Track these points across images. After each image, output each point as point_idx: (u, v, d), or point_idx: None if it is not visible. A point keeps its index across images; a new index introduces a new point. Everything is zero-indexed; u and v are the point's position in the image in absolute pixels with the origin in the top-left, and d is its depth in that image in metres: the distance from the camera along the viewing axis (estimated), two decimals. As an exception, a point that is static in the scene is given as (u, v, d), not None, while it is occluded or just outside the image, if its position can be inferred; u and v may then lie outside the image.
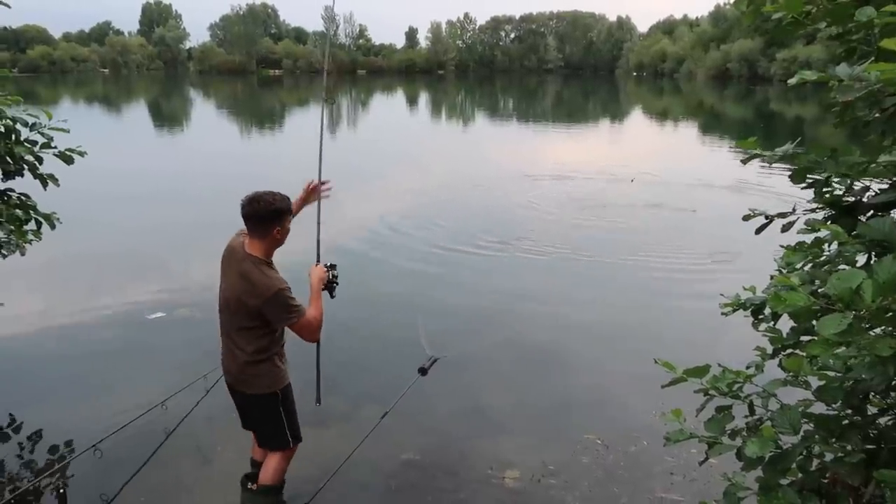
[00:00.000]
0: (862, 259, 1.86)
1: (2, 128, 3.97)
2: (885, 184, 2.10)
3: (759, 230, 2.40)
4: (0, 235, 4.19)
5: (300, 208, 3.56)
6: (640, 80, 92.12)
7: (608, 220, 10.53)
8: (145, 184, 13.71)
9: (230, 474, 3.72)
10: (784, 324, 2.02)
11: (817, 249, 2.02)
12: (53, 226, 4.37)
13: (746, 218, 2.40)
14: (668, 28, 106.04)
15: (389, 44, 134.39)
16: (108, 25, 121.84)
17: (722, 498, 1.82)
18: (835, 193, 2.16)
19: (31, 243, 4.37)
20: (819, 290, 1.69)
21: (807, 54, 56.50)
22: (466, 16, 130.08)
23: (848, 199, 2.15)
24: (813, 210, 2.23)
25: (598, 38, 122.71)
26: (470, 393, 4.95)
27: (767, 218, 2.36)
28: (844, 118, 2.06)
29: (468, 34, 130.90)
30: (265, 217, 2.96)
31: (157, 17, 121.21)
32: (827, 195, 2.16)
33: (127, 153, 18.35)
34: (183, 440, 4.13)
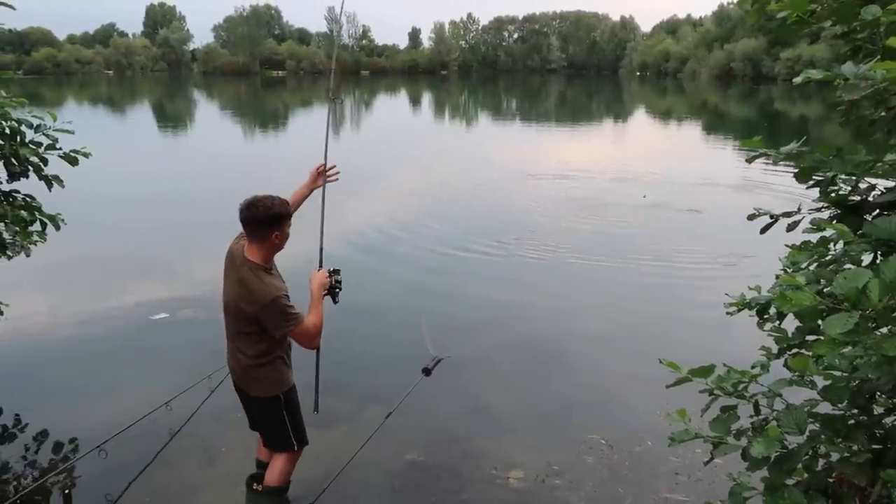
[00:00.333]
0: (868, 258, 1.86)
1: (7, 129, 3.98)
2: (891, 183, 2.09)
3: (764, 230, 2.39)
4: (5, 237, 4.20)
5: (309, 192, 3.55)
6: (644, 80, 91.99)
7: (612, 221, 10.51)
8: (149, 185, 13.74)
9: (235, 475, 3.73)
10: (789, 323, 2.02)
11: (823, 249, 2.01)
12: (58, 227, 4.38)
13: (751, 217, 2.40)
14: (672, 28, 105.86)
15: (392, 44, 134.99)
16: (113, 27, 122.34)
17: (727, 498, 1.82)
18: (840, 192, 2.15)
19: (36, 244, 4.38)
20: (825, 290, 1.69)
21: (811, 53, 56.34)
22: (469, 16, 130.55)
23: (854, 199, 2.14)
24: (818, 209, 2.23)
25: (602, 38, 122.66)
26: (474, 393, 4.95)
27: (772, 217, 2.36)
28: (850, 117, 2.05)
29: (471, 34, 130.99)
30: (263, 222, 2.93)
31: (161, 19, 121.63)
32: (832, 194, 2.15)
33: (131, 154, 18.40)
34: (188, 441, 4.14)
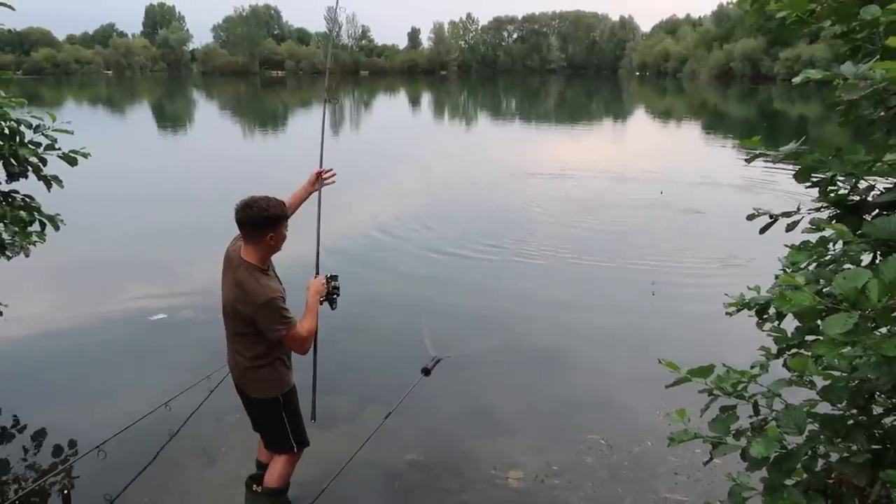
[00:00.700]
0: (867, 258, 1.86)
1: (6, 130, 3.97)
2: (891, 183, 2.09)
3: (764, 229, 2.39)
4: (5, 237, 4.20)
5: (307, 195, 3.56)
6: (643, 80, 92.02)
7: (612, 221, 10.51)
8: (148, 185, 13.74)
9: (234, 475, 3.74)
10: (788, 323, 2.02)
11: (822, 249, 2.01)
12: (58, 227, 4.37)
13: (750, 217, 2.40)
14: (671, 27, 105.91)
15: (392, 44, 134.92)
16: (112, 27, 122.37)
17: (727, 498, 1.81)
18: (840, 192, 2.15)
19: (36, 245, 4.37)
20: (824, 290, 1.69)
21: (810, 53, 56.38)
22: (469, 16, 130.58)
23: (853, 198, 2.14)
24: (818, 209, 2.23)
25: (601, 38, 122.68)
26: (473, 393, 4.95)
27: (772, 217, 2.35)
28: (849, 117, 2.05)
29: (471, 34, 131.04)
30: (258, 223, 2.93)
31: (161, 19, 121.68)
32: (832, 194, 2.15)
33: (130, 155, 18.40)
34: (187, 441, 4.13)
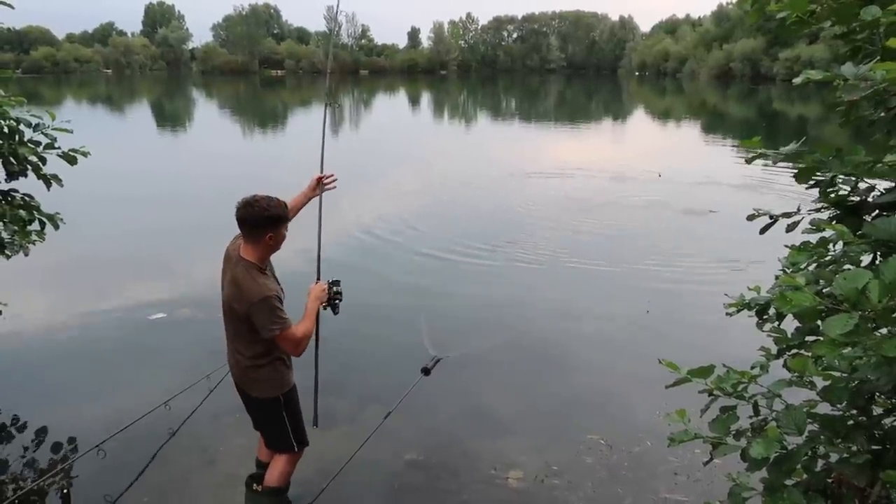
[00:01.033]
0: (867, 259, 1.86)
1: (6, 129, 3.97)
2: (891, 183, 2.09)
3: (764, 230, 2.39)
4: (4, 236, 4.20)
5: (307, 200, 3.55)
6: (643, 80, 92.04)
7: (611, 221, 10.50)
8: (147, 184, 13.73)
9: (234, 475, 3.73)
10: (788, 324, 2.02)
11: (822, 249, 2.01)
12: (57, 226, 4.37)
13: (751, 218, 2.40)
14: (671, 28, 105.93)
15: (392, 44, 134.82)
16: (112, 26, 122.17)
17: (727, 498, 1.82)
18: (840, 193, 2.15)
19: (35, 244, 4.38)
20: (824, 291, 1.69)
21: (810, 54, 56.44)
22: (469, 16, 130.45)
23: (853, 199, 2.14)
24: (818, 210, 2.23)
25: (601, 38, 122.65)
26: (473, 393, 4.95)
27: (772, 218, 2.36)
28: (850, 118, 2.05)
29: (470, 34, 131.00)
30: (259, 222, 2.93)
31: (160, 18, 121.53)
32: (832, 195, 2.15)
33: (130, 154, 18.38)
34: (187, 440, 4.14)
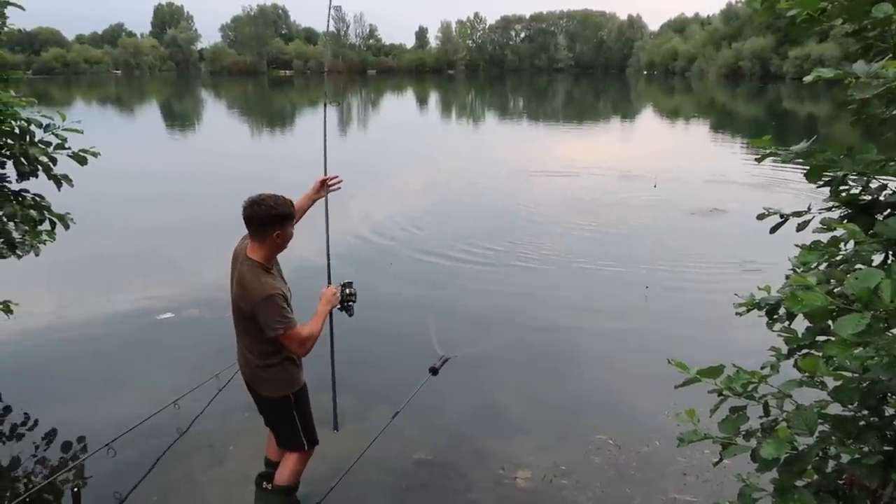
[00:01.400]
0: (879, 258, 1.84)
1: (17, 129, 4.01)
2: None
3: (774, 229, 2.38)
4: (15, 236, 4.23)
5: (311, 203, 3.55)
6: (651, 79, 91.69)
7: (621, 221, 10.47)
8: (156, 184, 13.80)
9: (243, 473, 3.75)
10: (798, 324, 2.00)
11: (833, 248, 1.99)
12: (67, 226, 4.41)
13: (761, 217, 2.39)
14: (680, 26, 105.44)
15: (400, 44, 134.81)
16: (121, 27, 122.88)
17: (737, 499, 1.80)
18: (851, 192, 2.14)
19: (46, 244, 4.41)
20: (836, 290, 1.68)
21: (820, 52, 56.05)
22: (476, 15, 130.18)
23: (864, 198, 2.13)
24: (829, 209, 2.21)
25: (609, 37, 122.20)
26: (481, 393, 4.95)
27: (782, 217, 2.34)
28: (861, 116, 2.03)
29: (478, 34, 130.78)
30: (265, 221, 2.93)
31: (169, 19, 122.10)
32: (843, 194, 2.14)
33: (139, 154, 18.48)
34: (196, 439, 4.15)
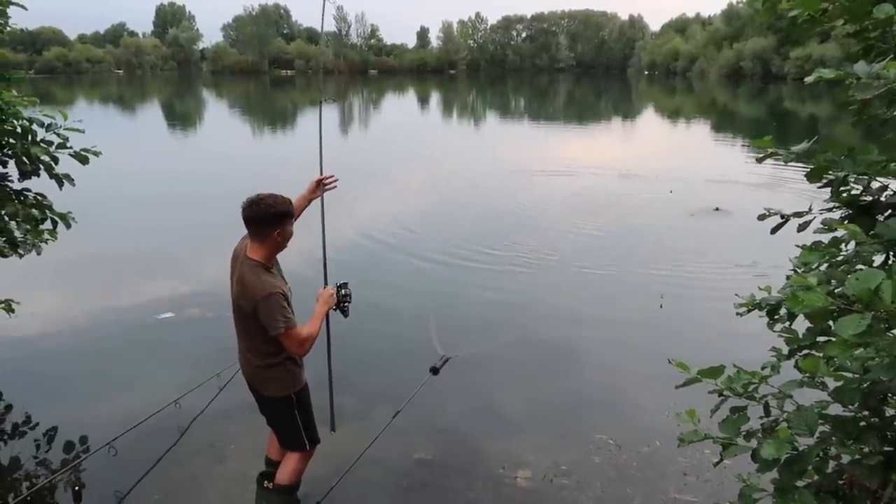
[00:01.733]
0: (879, 259, 1.84)
1: (18, 128, 4.02)
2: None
3: (775, 230, 2.38)
4: (17, 235, 4.24)
5: (308, 202, 3.55)
6: (652, 79, 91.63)
7: (622, 221, 10.48)
8: (157, 184, 13.81)
9: (244, 473, 3.75)
10: (799, 324, 2.00)
11: (834, 249, 1.99)
12: (69, 225, 4.41)
13: (762, 217, 2.38)
14: (681, 26, 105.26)
15: (401, 44, 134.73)
16: (123, 27, 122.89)
17: (737, 500, 1.80)
18: (852, 193, 2.13)
19: (47, 243, 4.42)
20: (836, 291, 1.68)
21: (821, 52, 55.99)
22: (478, 15, 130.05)
23: (865, 199, 2.13)
24: (830, 209, 2.21)
25: (610, 37, 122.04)
26: (482, 392, 4.95)
27: (783, 217, 2.34)
28: (862, 116, 2.04)
29: (479, 34, 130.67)
30: (265, 220, 2.93)
31: (171, 19, 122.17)
32: (844, 194, 2.13)
33: (140, 154, 18.49)
34: (197, 438, 4.16)
